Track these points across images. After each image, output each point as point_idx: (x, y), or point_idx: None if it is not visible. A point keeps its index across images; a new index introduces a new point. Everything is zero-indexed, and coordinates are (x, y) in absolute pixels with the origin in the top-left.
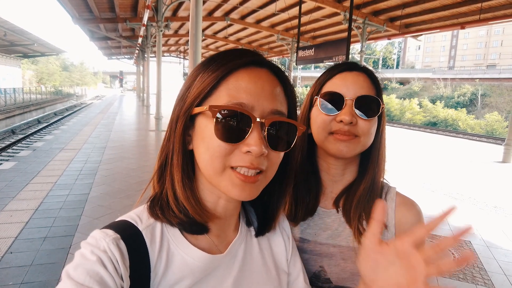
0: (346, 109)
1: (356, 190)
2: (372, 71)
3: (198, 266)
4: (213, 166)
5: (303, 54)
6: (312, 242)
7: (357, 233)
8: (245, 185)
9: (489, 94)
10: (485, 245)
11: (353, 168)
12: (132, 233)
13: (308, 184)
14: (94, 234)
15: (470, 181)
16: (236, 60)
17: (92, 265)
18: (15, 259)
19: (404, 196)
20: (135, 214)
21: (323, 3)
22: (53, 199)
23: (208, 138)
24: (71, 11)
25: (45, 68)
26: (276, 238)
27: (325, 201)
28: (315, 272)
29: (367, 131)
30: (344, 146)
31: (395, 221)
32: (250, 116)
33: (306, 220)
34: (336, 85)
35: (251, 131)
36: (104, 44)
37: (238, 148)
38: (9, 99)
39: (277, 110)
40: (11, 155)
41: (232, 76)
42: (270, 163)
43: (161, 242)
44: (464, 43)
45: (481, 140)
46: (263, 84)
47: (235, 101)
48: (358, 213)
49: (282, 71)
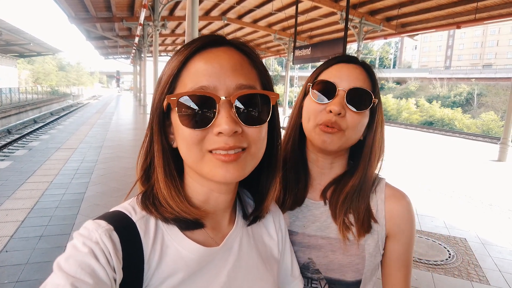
0: (337, 99)
1: (344, 185)
2: (370, 66)
3: (192, 259)
4: (191, 155)
5: (300, 54)
6: (300, 234)
7: (343, 228)
8: (228, 165)
9: (485, 93)
10: (480, 242)
11: (341, 162)
12: (125, 224)
13: (297, 174)
14: (86, 225)
15: (466, 180)
16: (191, 46)
17: (83, 256)
18: (10, 258)
19: (393, 187)
20: (129, 205)
21: (320, 2)
22: (49, 198)
23: (180, 129)
24: (67, 10)
25: (41, 68)
26: (269, 228)
27: (313, 193)
28: (304, 263)
29: (354, 125)
30: (328, 137)
31: (385, 213)
32: (213, 96)
33: (294, 209)
34: (331, 74)
35: (218, 112)
36: (101, 44)
37: (210, 131)
38: (5, 99)
39: (243, 84)
40: (6, 154)
41: (191, 62)
42: (251, 139)
43: (155, 234)
44: (460, 43)
45: (477, 139)
46: (221, 62)
47: (196, 86)
48: (345, 208)
49: (245, 44)
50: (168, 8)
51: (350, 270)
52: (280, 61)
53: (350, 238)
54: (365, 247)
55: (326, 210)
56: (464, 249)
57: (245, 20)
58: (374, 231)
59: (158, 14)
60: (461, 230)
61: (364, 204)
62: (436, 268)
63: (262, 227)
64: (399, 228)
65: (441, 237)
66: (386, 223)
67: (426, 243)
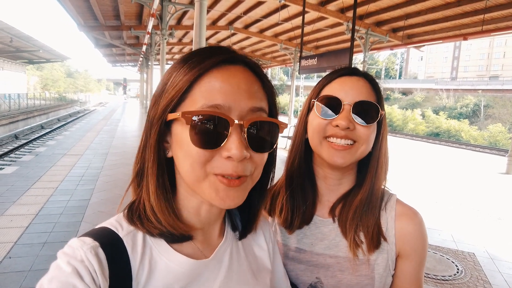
0: (343, 114)
1: (352, 200)
2: (372, 77)
3: (182, 273)
4: (195, 173)
5: (306, 64)
6: (308, 252)
7: (354, 245)
8: (229, 190)
9: (492, 105)
10: (489, 258)
11: (350, 177)
12: (112, 241)
13: (305, 191)
14: (71, 243)
15: (473, 192)
16: (207, 60)
17: (67, 277)
18: (14, 264)
19: (405, 204)
20: (115, 221)
21: (326, 13)
22: (53, 205)
23: (185, 145)
24: (77, 18)
25: (49, 74)
26: (259, 240)
27: (322, 210)
28: (312, 283)
29: (366, 138)
30: (339, 157)
31: (395, 232)
32: (227, 119)
33: (302, 228)
34: (334, 89)
35: (230, 135)
36: (109, 51)
37: (219, 153)
38: (13, 104)
39: (256, 107)
40: (13, 159)
41: (205, 77)
42: (255, 165)
43: (143, 249)
44: (466, 54)
45: (484, 151)
46: (238, 82)
47: (210, 104)
48: (355, 224)
49: (258, 65)
50: (176, 17)
51: None
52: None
53: (360, 256)
54: (374, 267)
55: (335, 228)
56: (472, 264)
57: (251, 30)
58: (383, 250)
59: (166, 23)
60: (469, 244)
61: (373, 219)
62: (444, 283)
63: (251, 239)
64: (411, 248)
65: (449, 251)
66: (396, 242)
67: (434, 257)
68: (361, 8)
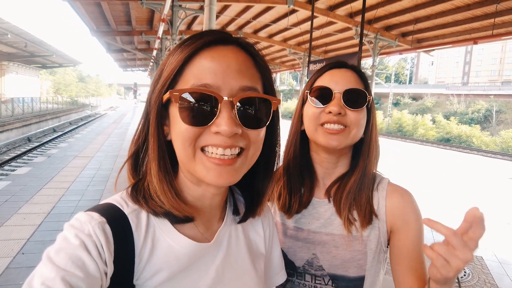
0: (335, 101)
1: (347, 181)
2: (359, 68)
3: (184, 254)
4: (185, 151)
5: (315, 68)
6: (305, 230)
7: (347, 223)
8: (222, 169)
9: (504, 110)
10: (497, 261)
11: (345, 161)
12: (117, 217)
13: (302, 177)
14: (78, 217)
15: (484, 197)
16: (198, 41)
17: (75, 249)
18: (26, 260)
19: (396, 185)
20: (120, 197)
21: (335, 18)
22: (65, 204)
23: (177, 124)
24: (90, 24)
25: (62, 79)
26: (256, 225)
27: (319, 192)
28: (308, 259)
29: (356, 122)
30: (334, 140)
31: (386, 209)
32: (215, 96)
33: (300, 212)
34: (325, 80)
35: (220, 111)
36: (120, 56)
37: (208, 130)
38: (27, 108)
39: (247, 86)
40: (26, 161)
41: (196, 58)
42: (250, 141)
43: (147, 227)
44: (478, 59)
45: (496, 157)
46: (228, 61)
47: (200, 83)
48: (348, 203)
49: (251, 45)
50: (186, 22)
51: (353, 265)
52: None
53: (353, 232)
54: (367, 243)
55: (330, 207)
56: (480, 268)
57: (260, 35)
58: (375, 227)
59: (176, 28)
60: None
61: (366, 197)
62: None
63: (249, 223)
64: (402, 220)
65: None
66: (387, 218)
67: None
68: (370, 12)
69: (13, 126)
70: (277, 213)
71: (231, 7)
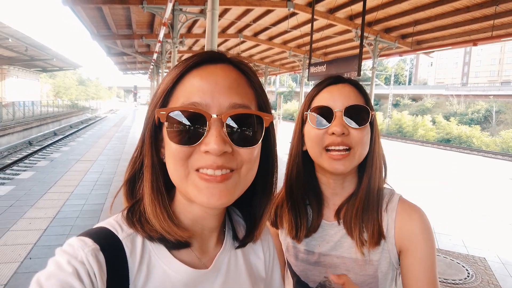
0: (336, 120)
1: (354, 201)
2: (357, 81)
3: (180, 281)
4: (177, 171)
5: (315, 70)
6: (316, 253)
7: (359, 244)
8: (214, 188)
9: (504, 110)
10: (500, 262)
11: (353, 180)
12: (111, 243)
13: (308, 201)
14: (71, 242)
15: (485, 198)
16: (189, 61)
17: (66, 276)
18: (33, 265)
19: (407, 202)
20: (114, 221)
21: (335, 20)
22: (69, 208)
23: (168, 144)
24: (90, 28)
25: (62, 82)
26: (256, 248)
27: (327, 213)
28: (321, 282)
29: (360, 141)
30: (340, 165)
31: (395, 231)
32: (203, 113)
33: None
34: (324, 98)
35: (208, 130)
36: (120, 60)
37: (198, 149)
38: (28, 111)
39: (237, 103)
40: (28, 165)
41: (186, 77)
42: (242, 160)
43: (142, 253)
44: (477, 59)
45: (496, 157)
46: (216, 79)
47: (188, 102)
48: (358, 224)
49: (244, 62)
50: (186, 26)
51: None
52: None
53: (365, 255)
54: (378, 267)
55: (340, 230)
56: (483, 269)
57: (260, 38)
58: (385, 250)
59: (177, 31)
60: (480, 249)
61: (373, 216)
62: (455, 287)
63: (249, 247)
64: (411, 242)
65: (460, 256)
66: (396, 240)
67: (444, 261)
68: (370, 15)
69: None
70: (288, 236)
71: (231, 11)
